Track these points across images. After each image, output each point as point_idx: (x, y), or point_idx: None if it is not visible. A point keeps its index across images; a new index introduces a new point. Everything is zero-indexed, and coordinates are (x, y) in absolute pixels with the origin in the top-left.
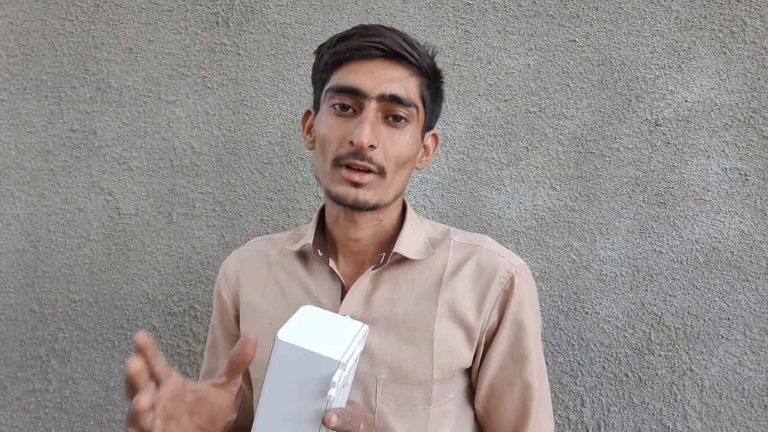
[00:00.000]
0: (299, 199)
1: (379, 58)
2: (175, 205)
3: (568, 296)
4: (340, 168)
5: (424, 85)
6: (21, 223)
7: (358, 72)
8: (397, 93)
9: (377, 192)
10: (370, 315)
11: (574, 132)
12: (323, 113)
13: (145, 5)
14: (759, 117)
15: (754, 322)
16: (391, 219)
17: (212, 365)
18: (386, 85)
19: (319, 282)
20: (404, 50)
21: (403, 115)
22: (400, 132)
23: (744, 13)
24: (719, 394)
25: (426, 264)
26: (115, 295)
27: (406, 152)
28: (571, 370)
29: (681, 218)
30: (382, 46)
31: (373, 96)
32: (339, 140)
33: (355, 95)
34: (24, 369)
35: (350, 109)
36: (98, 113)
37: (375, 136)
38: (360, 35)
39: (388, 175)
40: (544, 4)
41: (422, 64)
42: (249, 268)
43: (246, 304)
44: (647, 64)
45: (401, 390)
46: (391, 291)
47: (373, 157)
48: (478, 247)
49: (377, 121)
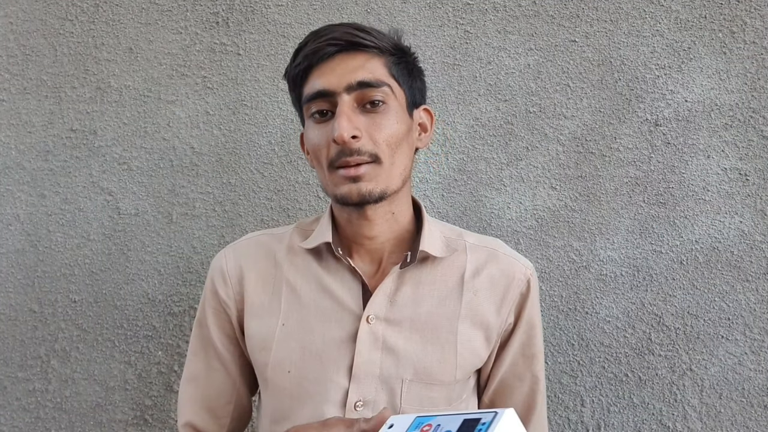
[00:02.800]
0: (299, 199)
1: (336, 54)
2: (175, 205)
3: (568, 296)
4: (337, 170)
5: (391, 62)
6: (21, 223)
7: (322, 75)
8: (362, 78)
9: (379, 180)
10: (393, 315)
11: (574, 132)
12: (308, 126)
13: (145, 5)
14: (759, 117)
15: (754, 322)
16: (405, 213)
17: (201, 368)
18: (350, 75)
19: (338, 280)
20: (357, 37)
21: (379, 98)
22: (381, 115)
23: (744, 13)
24: (719, 394)
25: (446, 265)
26: (115, 295)
27: (394, 133)
28: (571, 370)
29: (681, 218)
30: (334, 41)
31: (341, 90)
32: (326, 144)
33: (326, 97)
34: (24, 369)
35: (328, 113)
36: (98, 113)
37: (354, 126)
38: (313, 40)
39: (384, 160)
40: (544, 4)
41: (380, 44)
42: (253, 264)
43: (252, 304)
44: (647, 64)
45: (426, 390)
46: (413, 291)
47: (361, 148)
48: (494, 250)
49: (354, 112)
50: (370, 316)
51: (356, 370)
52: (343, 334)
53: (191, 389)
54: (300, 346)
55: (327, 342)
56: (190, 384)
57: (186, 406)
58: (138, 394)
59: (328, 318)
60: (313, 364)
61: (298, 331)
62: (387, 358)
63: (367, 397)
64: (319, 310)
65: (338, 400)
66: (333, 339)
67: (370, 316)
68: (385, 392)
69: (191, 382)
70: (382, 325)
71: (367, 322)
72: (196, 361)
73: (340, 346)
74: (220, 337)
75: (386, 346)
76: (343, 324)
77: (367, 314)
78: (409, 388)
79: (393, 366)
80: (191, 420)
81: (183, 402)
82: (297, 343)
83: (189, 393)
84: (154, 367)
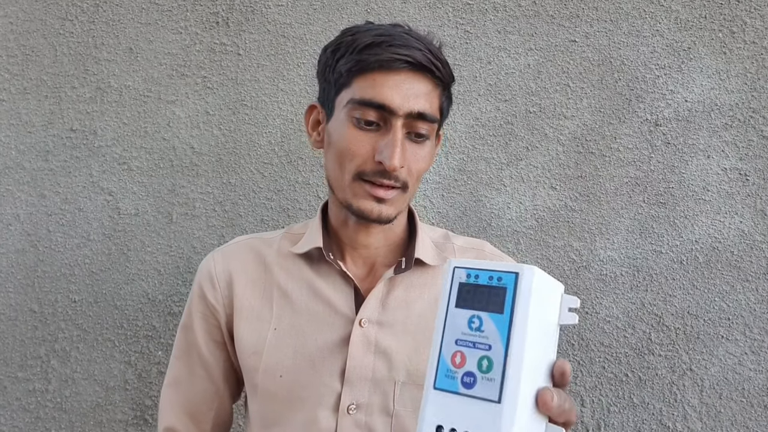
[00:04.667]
0: (299, 199)
1: (405, 70)
2: (175, 205)
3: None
4: (364, 183)
5: (444, 95)
6: (21, 223)
7: (384, 86)
8: (423, 110)
9: (398, 205)
10: (386, 318)
11: (574, 132)
12: (342, 122)
13: (145, 5)
14: (759, 117)
15: (754, 322)
16: (400, 223)
17: (184, 372)
18: (414, 101)
19: (330, 284)
20: (431, 63)
21: (425, 132)
22: (421, 147)
23: (744, 13)
24: (719, 394)
25: (437, 267)
26: (115, 295)
27: (425, 166)
28: (571, 370)
29: (681, 218)
30: (411, 59)
31: (401, 114)
32: (364, 156)
33: (381, 110)
34: (24, 369)
35: (375, 124)
36: (98, 113)
37: (405, 158)
38: (387, 44)
39: (410, 188)
40: (544, 4)
41: (444, 75)
42: (242, 268)
43: (242, 308)
44: (647, 64)
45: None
46: (405, 294)
47: (399, 176)
48: (481, 251)
49: (404, 140)
50: (362, 319)
51: (349, 373)
52: (335, 337)
53: (173, 394)
54: (292, 351)
55: (320, 346)
56: (171, 388)
57: (167, 410)
58: (138, 394)
59: (320, 322)
60: (305, 369)
61: (290, 336)
62: (380, 360)
63: (360, 400)
64: (312, 315)
65: (331, 404)
66: (325, 343)
67: (363, 320)
68: (378, 395)
69: (173, 387)
70: (375, 329)
71: (360, 326)
72: (179, 366)
73: (332, 350)
74: (207, 343)
75: (379, 349)
76: (336, 328)
77: (360, 318)
78: (402, 390)
79: (386, 368)
80: (172, 425)
81: (164, 406)
82: (289, 347)
83: (170, 397)
84: (154, 367)
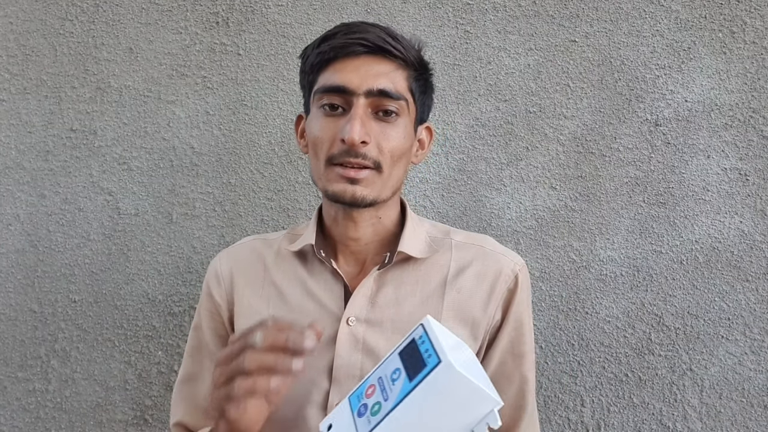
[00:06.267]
0: (299, 199)
1: (363, 54)
2: (175, 205)
3: (568, 296)
4: (335, 166)
5: (412, 77)
6: (21, 223)
7: (343, 70)
8: (384, 87)
9: (374, 188)
10: (375, 316)
11: (574, 132)
12: (313, 115)
13: (145, 5)
14: (759, 117)
15: (754, 322)
16: (391, 217)
17: (195, 369)
18: (373, 80)
19: (321, 282)
20: (388, 44)
21: (393, 109)
22: (391, 126)
23: (744, 13)
24: (719, 394)
25: (430, 264)
26: (115, 295)
27: (399, 146)
28: (571, 370)
29: (681, 218)
30: (366, 41)
31: (361, 92)
32: (331, 139)
33: (342, 93)
34: (24, 369)
35: (339, 108)
36: (98, 113)
37: (366, 132)
38: (343, 33)
39: (385, 170)
40: (544, 4)
41: (407, 56)
42: (244, 268)
43: (242, 306)
44: (647, 64)
45: None
46: (395, 291)
47: (366, 153)
48: (481, 247)
49: (367, 116)
50: (350, 318)
51: (336, 372)
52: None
53: (185, 389)
54: None
55: None
56: (184, 384)
57: (179, 405)
58: (138, 394)
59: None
60: None
61: None
62: (367, 359)
63: None
64: (303, 313)
65: (320, 402)
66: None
67: (350, 318)
68: None
69: (185, 383)
70: (363, 327)
71: (347, 324)
72: (191, 363)
73: (321, 348)
74: (213, 339)
75: (366, 348)
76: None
77: (347, 316)
78: None
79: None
80: (183, 419)
81: (176, 402)
82: None
83: (182, 393)
84: (154, 367)
